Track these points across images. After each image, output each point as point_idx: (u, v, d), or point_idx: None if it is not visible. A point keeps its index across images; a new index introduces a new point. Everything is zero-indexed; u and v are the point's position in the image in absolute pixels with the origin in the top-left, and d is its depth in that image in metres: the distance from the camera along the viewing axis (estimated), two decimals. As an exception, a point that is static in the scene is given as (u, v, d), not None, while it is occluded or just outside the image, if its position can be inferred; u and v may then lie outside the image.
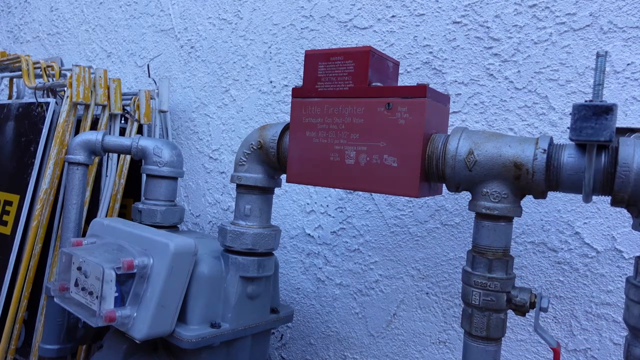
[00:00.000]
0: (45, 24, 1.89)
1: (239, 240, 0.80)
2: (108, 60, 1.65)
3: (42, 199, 1.16)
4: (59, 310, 0.98)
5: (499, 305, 0.63)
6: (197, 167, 1.38)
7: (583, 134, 0.53)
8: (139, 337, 0.72)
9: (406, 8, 1.02)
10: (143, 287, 0.74)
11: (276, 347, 1.20)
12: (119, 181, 1.25)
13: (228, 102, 1.31)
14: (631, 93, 0.79)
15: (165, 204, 0.98)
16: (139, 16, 1.55)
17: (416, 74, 1.00)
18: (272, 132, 0.78)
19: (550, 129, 0.86)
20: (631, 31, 0.79)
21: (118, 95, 1.27)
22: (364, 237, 1.06)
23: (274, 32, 1.22)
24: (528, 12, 0.88)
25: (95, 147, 1.03)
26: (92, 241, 0.85)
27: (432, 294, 0.98)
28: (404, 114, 0.59)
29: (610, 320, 0.81)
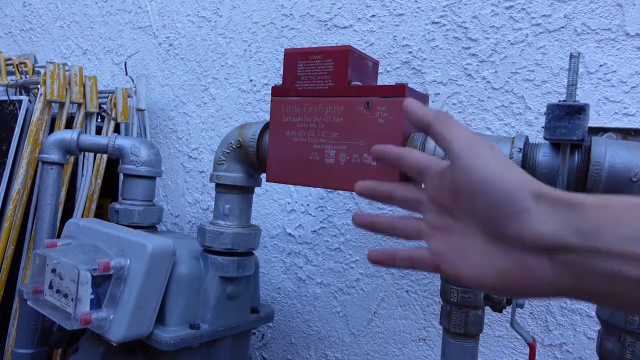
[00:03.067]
0: (18, 19, 1.84)
1: (218, 240, 0.79)
2: (84, 58, 1.61)
3: (15, 199, 1.13)
4: (33, 313, 0.95)
5: (477, 302, 0.64)
6: (176, 166, 1.36)
7: (557, 133, 0.54)
8: (116, 340, 0.71)
9: (386, 8, 1.02)
10: (120, 289, 0.72)
11: (257, 347, 1.20)
12: (95, 181, 1.23)
13: (207, 101, 1.30)
14: (603, 93, 0.82)
15: (143, 204, 0.97)
16: (116, 13, 1.52)
17: (396, 73, 1.01)
18: (251, 131, 0.78)
19: (526, 129, 0.88)
20: (604, 33, 0.81)
21: (94, 93, 1.24)
22: (345, 236, 1.07)
23: (254, 31, 1.21)
24: (505, 13, 0.90)
25: (70, 146, 1.01)
26: (67, 242, 0.83)
27: (412, 292, 0.99)
28: (383, 113, 0.60)
29: (584, 315, 0.83)
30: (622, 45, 0.80)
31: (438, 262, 0.36)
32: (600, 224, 0.28)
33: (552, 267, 0.29)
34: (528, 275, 0.30)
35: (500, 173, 0.31)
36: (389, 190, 0.42)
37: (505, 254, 0.31)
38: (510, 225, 0.30)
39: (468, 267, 0.34)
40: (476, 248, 0.34)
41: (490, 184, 0.31)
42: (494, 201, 0.31)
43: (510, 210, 0.30)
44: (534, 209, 0.30)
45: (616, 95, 0.81)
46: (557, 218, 0.29)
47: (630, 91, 0.80)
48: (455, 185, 0.35)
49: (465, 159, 0.33)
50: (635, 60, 0.79)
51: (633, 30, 0.79)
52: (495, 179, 0.31)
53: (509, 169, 0.32)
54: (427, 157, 0.39)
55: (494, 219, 0.32)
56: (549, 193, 0.30)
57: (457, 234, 0.35)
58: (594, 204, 0.29)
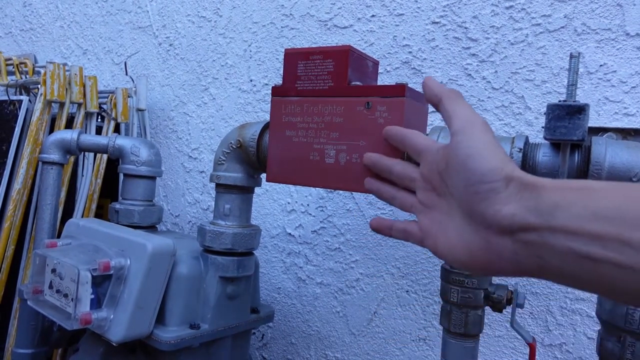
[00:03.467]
0: (18, 19, 1.84)
1: (218, 240, 0.79)
2: (84, 58, 1.62)
3: (15, 199, 1.13)
4: (33, 313, 0.95)
5: (477, 302, 0.64)
6: (176, 166, 1.36)
7: (557, 133, 0.54)
8: (116, 340, 0.71)
9: (386, 8, 1.02)
10: (120, 289, 0.72)
11: (257, 347, 1.20)
12: (95, 181, 1.23)
13: (207, 101, 1.30)
14: (603, 93, 0.82)
15: (143, 204, 0.97)
16: (116, 13, 1.52)
17: (395, 73, 1.01)
18: (251, 131, 0.78)
19: (526, 129, 0.88)
20: (604, 33, 0.81)
21: (94, 93, 1.24)
22: (345, 236, 1.07)
23: (254, 31, 1.21)
24: (505, 13, 0.90)
25: (70, 146, 1.01)
26: (67, 242, 0.83)
27: (412, 292, 0.99)
28: (383, 113, 0.60)
29: (584, 315, 0.83)
30: (622, 45, 0.80)
31: (423, 236, 0.40)
32: (557, 204, 0.29)
33: (514, 246, 0.31)
34: (492, 254, 0.32)
35: (482, 153, 0.33)
36: (389, 164, 0.47)
37: (474, 232, 0.33)
38: (479, 204, 0.32)
39: (444, 241, 0.36)
40: (454, 225, 0.36)
41: (470, 162, 0.34)
42: (470, 178, 0.33)
43: (481, 188, 0.32)
44: (502, 191, 0.31)
45: (616, 95, 0.81)
46: (519, 199, 0.31)
47: (630, 91, 0.80)
48: (446, 160, 0.37)
49: (458, 135, 0.36)
50: (635, 60, 0.79)
51: (633, 30, 0.79)
52: (476, 157, 0.33)
53: (492, 151, 0.34)
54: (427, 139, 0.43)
55: (467, 196, 0.34)
56: (519, 176, 0.32)
57: (440, 211, 0.38)
58: (555, 186, 0.30)
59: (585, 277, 0.28)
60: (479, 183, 0.33)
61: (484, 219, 0.32)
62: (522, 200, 0.30)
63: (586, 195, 0.28)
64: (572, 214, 0.28)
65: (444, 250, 0.37)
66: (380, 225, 0.45)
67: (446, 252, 0.36)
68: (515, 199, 0.31)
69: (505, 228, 0.31)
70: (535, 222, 0.29)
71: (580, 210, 0.28)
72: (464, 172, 0.34)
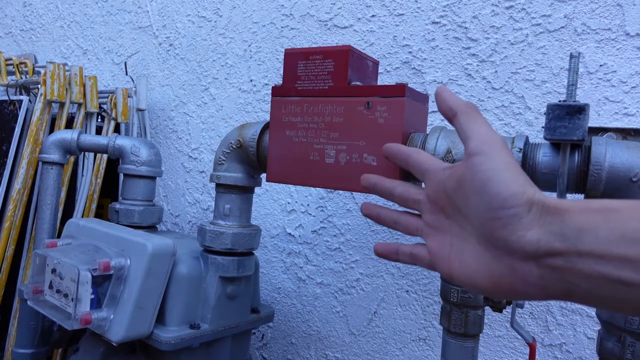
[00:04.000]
0: (18, 19, 1.84)
1: (218, 240, 0.79)
2: (84, 58, 1.62)
3: (15, 199, 1.13)
4: (33, 313, 0.95)
5: (477, 302, 0.64)
6: (176, 166, 1.36)
7: (557, 133, 0.54)
8: (116, 340, 0.71)
9: (386, 8, 1.02)
10: (120, 289, 0.72)
11: (257, 347, 1.20)
12: (95, 181, 1.23)
13: (207, 101, 1.30)
14: (603, 93, 0.82)
15: (143, 203, 0.97)
16: (116, 13, 1.52)
17: (396, 73, 1.01)
18: (251, 131, 0.78)
19: (526, 129, 0.88)
20: (604, 33, 0.81)
21: (94, 93, 1.24)
22: (345, 236, 1.07)
23: (254, 31, 1.21)
24: (505, 13, 0.90)
25: (70, 146, 1.01)
26: (67, 242, 0.83)
27: (412, 292, 0.99)
28: (383, 113, 0.60)
29: (584, 315, 0.83)
30: (622, 45, 0.80)
31: (433, 260, 0.38)
32: (583, 227, 0.28)
33: (540, 271, 0.30)
34: (517, 280, 0.31)
35: (503, 176, 0.32)
36: (390, 186, 0.45)
37: (495, 258, 0.32)
38: (501, 230, 0.31)
39: (460, 267, 0.35)
40: (469, 249, 0.34)
41: (490, 185, 0.32)
42: (490, 203, 0.32)
43: (502, 214, 0.31)
44: (524, 216, 0.30)
45: (616, 95, 0.81)
46: (543, 224, 0.30)
47: (630, 91, 0.80)
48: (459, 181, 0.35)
49: (476, 157, 0.34)
50: (635, 60, 0.79)
51: (633, 30, 0.79)
52: (496, 180, 0.32)
53: (513, 174, 0.32)
54: (431, 158, 0.41)
55: (486, 221, 0.32)
56: (540, 200, 0.31)
57: (451, 234, 0.37)
58: (577, 208, 0.29)
59: (618, 300, 0.28)
60: (500, 208, 0.31)
61: (506, 245, 0.31)
62: (545, 225, 0.30)
63: (611, 217, 0.28)
64: (599, 237, 0.27)
65: (460, 276, 0.35)
66: (385, 250, 0.44)
67: (464, 279, 0.35)
68: (539, 224, 0.30)
69: (530, 254, 0.30)
70: (561, 247, 0.29)
71: (607, 233, 0.27)
72: (484, 197, 0.32)
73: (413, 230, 0.42)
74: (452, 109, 0.38)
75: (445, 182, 0.37)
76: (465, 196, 0.35)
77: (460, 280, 0.35)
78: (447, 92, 0.39)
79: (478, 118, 0.37)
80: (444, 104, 0.39)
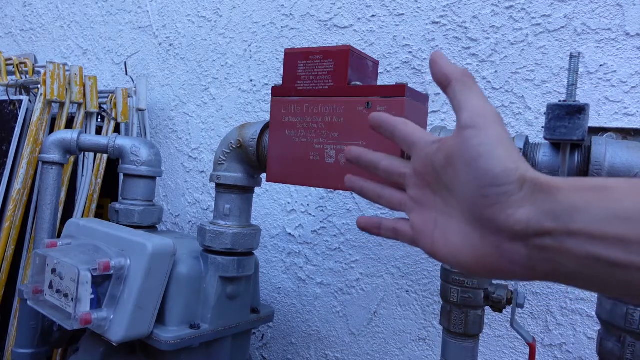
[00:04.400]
0: (18, 19, 1.84)
1: (218, 240, 0.79)
2: (84, 58, 1.62)
3: (15, 199, 1.13)
4: (33, 313, 0.95)
5: (477, 302, 0.64)
6: (176, 166, 1.36)
7: (557, 133, 0.54)
8: (116, 340, 0.71)
9: (386, 8, 1.02)
10: (120, 289, 0.72)
11: (257, 347, 1.20)
12: (95, 181, 1.23)
13: (207, 101, 1.30)
14: (603, 93, 0.82)
15: (143, 203, 0.97)
16: (116, 13, 1.52)
17: (396, 73, 1.01)
18: (251, 131, 0.78)
19: (526, 129, 0.88)
20: (604, 33, 0.81)
21: (94, 93, 1.24)
22: (345, 236, 1.07)
23: (254, 31, 1.21)
24: (505, 13, 0.90)
25: (70, 146, 1.01)
26: (67, 242, 0.83)
27: (412, 292, 0.99)
28: (383, 113, 0.60)
29: (584, 315, 0.83)
30: (622, 45, 0.80)
31: (416, 236, 0.37)
32: (575, 206, 0.27)
33: (528, 251, 0.29)
34: (503, 259, 0.30)
35: (495, 152, 0.30)
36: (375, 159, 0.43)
37: (481, 236, 0.31)
38: (489, 208, 0.30)
39: (445, 244, 0.34)
40: (454, 226, 0.33)
41: (481, 160, 0.30)
42: (480, 179, 0.30)
43: (492, 191, 0.30)
44: (514, 194, 0.29)
45: (616, 95, 0.81)
46: (533, 202, 0.28)
47: (630, 91, 0.80)
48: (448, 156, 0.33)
49: (468, 130, 0.32)
50: (635, 60, 0.79)
51: (633, 30, 0.79)
52: (488, 157, 0.30)
53: (506, 149, 0.30)
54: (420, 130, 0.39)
55: (474, 199, 0.31)
56: (533, 177, 0.29)
57: (436, 210, 0.35)
58: (571, 186, 0.28)
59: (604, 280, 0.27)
60: (490, 186, 0.30)
61: (494, 224, 0.30)
62: (536, 203, 0.28)
63: (605, 196, 0.27)
64: (592, 216, 0.26)
65: (444, 253, 0.34)
66: (368, 223, 0.42)
67: (447, 255, 0.34)
68: (529, 202, 0.28)
69: (519, 233, 0.29)
70: (552, 226, 0.27)
71: (600, 212, 0.26)
72: (473, 172, 0.31)
73: (396, 205, 0.40)
74: (447, 76, 0.35)
75: (433, 156, 0.35)
76: (453, 171, 0.33)
77: (443, 258, 0.34)
78: (443, 58, 0.36)
79: (474, 88, 0.34)
80: (439, 71, 0.36)
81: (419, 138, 0.38)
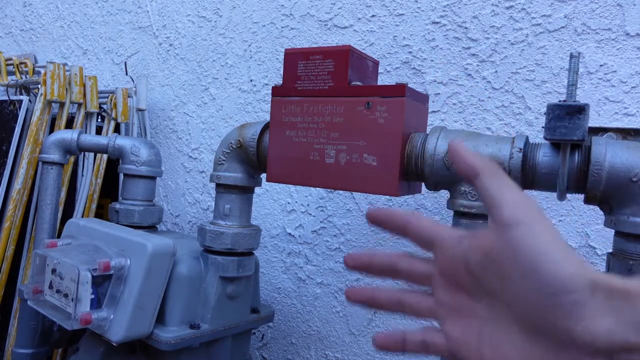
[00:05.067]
0: (18, 19, 1.84)
1: (218, 240, 0.79)
2: (84, 58, 1.62)
3: (15, 199, 1.13)
4: (33, 313, 0.95)
5: (477, 302, 0.64)
6: (177, 166, 1.36)
7: (557, 133, 0.54)
8: (116, 340, 0.71)
9: (386, 8, 1.02)
10: (120, 289, 0.72)
11: (257, 347, 1.20)
12: (95, 181, 1.23)
13: (208, 101, 1.30)
14: (603, 93, 0.82)
15: (143, 203, 0.97)
16: (116, 13, 1.52)
17: (396, 73, 1.01)
18: (251, 131, 0.78)
19: (526, 129, 0.88)
20: (604, 33, 0.81)
21: (94, 93, 1.24)
22: (345, 236, 1.07)
23: (254, 31, 1.21)
24: (505, 13, 0.90)
25: (70, 146, 1.01)
26: (67, 242, 0.83)
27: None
28: (383, 113, 0.60)
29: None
30: (622, 45, 0.80)
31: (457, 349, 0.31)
32: None
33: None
34: None
35: (556, 254, 0.26)
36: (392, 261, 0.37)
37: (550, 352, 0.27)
38: (560, 319, 0.26)
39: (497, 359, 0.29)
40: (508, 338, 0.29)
41: (543, 265, 0.26)
42: (544, 286, 0.26)
43: (563, 300, 0.26)
44: (589, 302, 0.25)
45: (616, 95, 0.81)
46: (614, 312, 0.25)
47: (630, 91, 0.80)
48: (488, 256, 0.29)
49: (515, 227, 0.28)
50: (635, 60, 0.79)
51: (633, 30, 0.79)
52: (549, 259, 0.26)
53: (565, 250, 0.27)
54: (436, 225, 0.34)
55: (538, 308, 0.27)
56: (604, 282, 0.26)
57: (478, 318, 0.30)
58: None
59: None
60: (559, 293, 0.26)
61: (569, 338, 0.26)
62: (618, 314, 0.25)
63: None
64: None
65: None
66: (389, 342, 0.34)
67: None
68: (609, 313, 0.25)
69: (602, 349, 0.25)
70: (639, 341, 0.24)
71: None
72: (533, 279, 0.27)
73: (425, 313, 0.34)
74: (474, 168, 0.31)
75: (465, 256, 0.31)
76: (501, 276, 0.29)
77: None
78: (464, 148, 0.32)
79: (505, 179, 0.30)
80: (463, 163, 0.32)
81: (439, 234, 0.33)
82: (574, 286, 0.26)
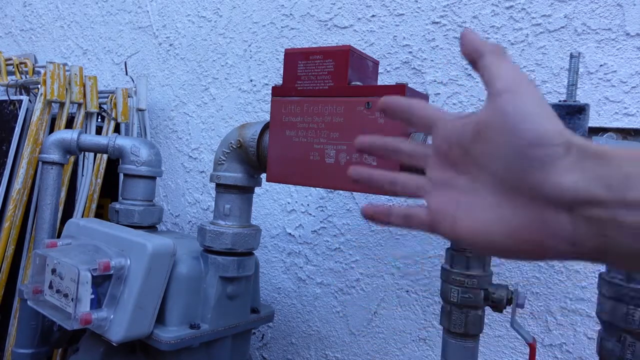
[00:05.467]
0: (18, 19, 1.84)
1: (218, 240, 0.79)
2: (84, 58, 1.62)
3: (15, 199, 1.13)
4: (33, 313, 0.95)
5: (477, 302, 0.64)
6: (176, 166, 1.36)
7: (557, 133, 0.54)
8: (116, 340, 0.71)
9: (386, 8, 1.02)
10: (120, 289, 0.72)
11: (257, 347, 1.20)
12: (95, 181, 1.23)
13: (208, 101, 1.30)
14: (603, 93, 0.82)
15: (143, 203, 0.97)
16: (116, 13, 1.52)
17: (396, 73, 1.01)
18: (251, 131, 0.78)
19: (526, 129, 0.88)
20: (604, 33, 0.81)
21: (94, 93, 1.24)
22: (345, 236, 1.07)
23: (254, 31, 1.21)
24: (505, 13, 0.90)
25: (70, 146, 1.01)
26: (67, 242, 0.83)
27: (412, 292, 0.99)
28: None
29: (584, 315, 0.83)
30: (622, 45, 0.80)
31: (435, 219, 0.33)
32: (630, 175, 0.25)
33: (573, 222, 0.26)
34: (544, 232, 0.27)
35: (537, 113, 0.28)
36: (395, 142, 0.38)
37: (519, 208, 0.28)
38: (534, 173, 0.27)
39: (470, 224, 0.31)
40: (482, 203, 0.30)
41: (523, 123, 0.28)
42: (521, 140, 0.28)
43: (537, 153, 0.27)
44: (561, 157, 0.27)
45: (616, 95, 0.81)
46: (583, 169, 0.26)
47: (630, 91, 0.80)
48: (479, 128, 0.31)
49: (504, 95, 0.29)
50: (635, 60, 0.79)
51: (633, 30, 0.79)
52: (529, 118, 0.28)
53: (548, 113, 0.28)
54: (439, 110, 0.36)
55: (515, 163, 0.28)
56: (580, 143, 0.27)
57: (458, 189, 0.32)
58: (624, 155, 0.26)
59: None
60: (534, 146, 0.27)
61: (539, 190, 0.27)
62: (587, 171, 0.26)
63: None
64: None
65: (469, 234, 0.31)
66: (376, 211, 0.37)
67: (472, 234, 0.30)
68: (579, 169, 0.26)
69: (567, 202, 0.26)
70: (604, 195, 0.25)
71: None
72: (513, 136, 0.28)
73: (414, 189, 0.36)
74: (478, 50, 0.33)
75: (460, 131, 0.32)
76: (485, 141, 0.30)
77: (468, 238, 0.31)
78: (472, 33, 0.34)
79: (507, 60, 0.32)
80: (469, 45, 0.33)
81: (439, 117, 0.35)
82: (549, 140, 0.27)
